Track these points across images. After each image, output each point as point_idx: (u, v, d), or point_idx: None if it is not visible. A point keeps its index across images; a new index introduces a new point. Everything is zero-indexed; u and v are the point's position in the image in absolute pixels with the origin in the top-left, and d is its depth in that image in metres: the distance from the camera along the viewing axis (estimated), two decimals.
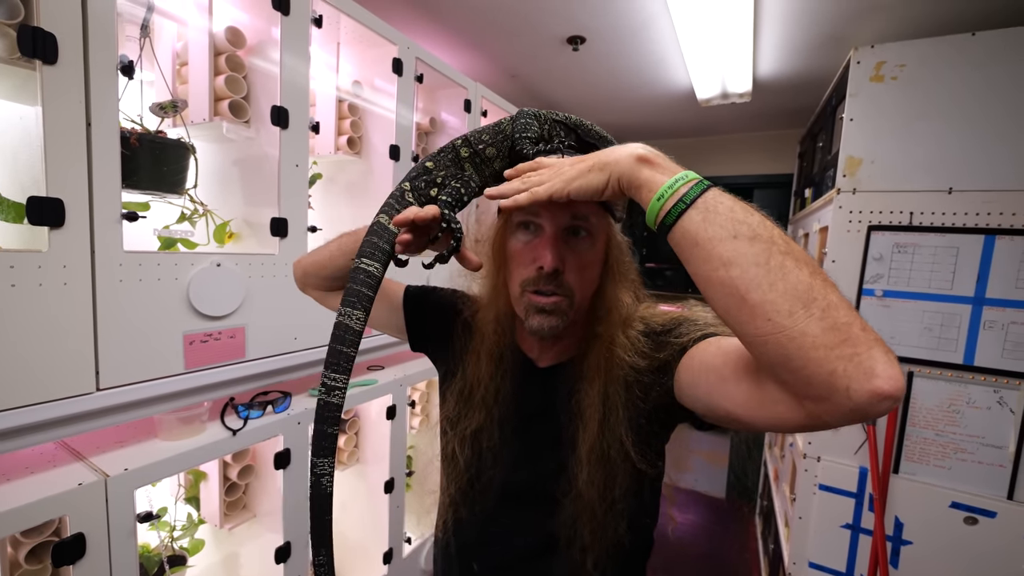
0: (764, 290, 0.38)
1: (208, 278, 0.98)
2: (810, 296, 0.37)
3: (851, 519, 1.44)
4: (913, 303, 1.35)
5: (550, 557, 0.62)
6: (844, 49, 1.64)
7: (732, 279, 0.40)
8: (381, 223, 0.56)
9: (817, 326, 0.37)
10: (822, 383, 0.37)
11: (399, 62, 1.42)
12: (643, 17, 1.52)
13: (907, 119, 1.35)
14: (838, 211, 1.44)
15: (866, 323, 0.37)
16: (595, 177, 0.48)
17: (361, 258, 0.55)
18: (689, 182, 0.44)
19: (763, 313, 0.38)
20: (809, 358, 0.37)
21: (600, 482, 0.58)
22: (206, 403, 1.08)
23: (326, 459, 0.50)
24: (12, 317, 0.73)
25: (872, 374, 0.35)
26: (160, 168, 1.03)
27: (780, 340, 0.38)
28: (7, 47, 0.80)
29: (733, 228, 0.40)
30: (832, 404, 0.37)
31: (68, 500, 0.79)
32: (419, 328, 0.82)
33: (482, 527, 0.68)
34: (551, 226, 0.58)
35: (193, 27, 1.16)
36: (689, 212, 0.42)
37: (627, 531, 0.59)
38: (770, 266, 0.39)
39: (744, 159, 2.89)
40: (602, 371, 0.60)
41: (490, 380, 0.66)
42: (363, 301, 0.53)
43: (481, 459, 0.67)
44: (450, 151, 0.62)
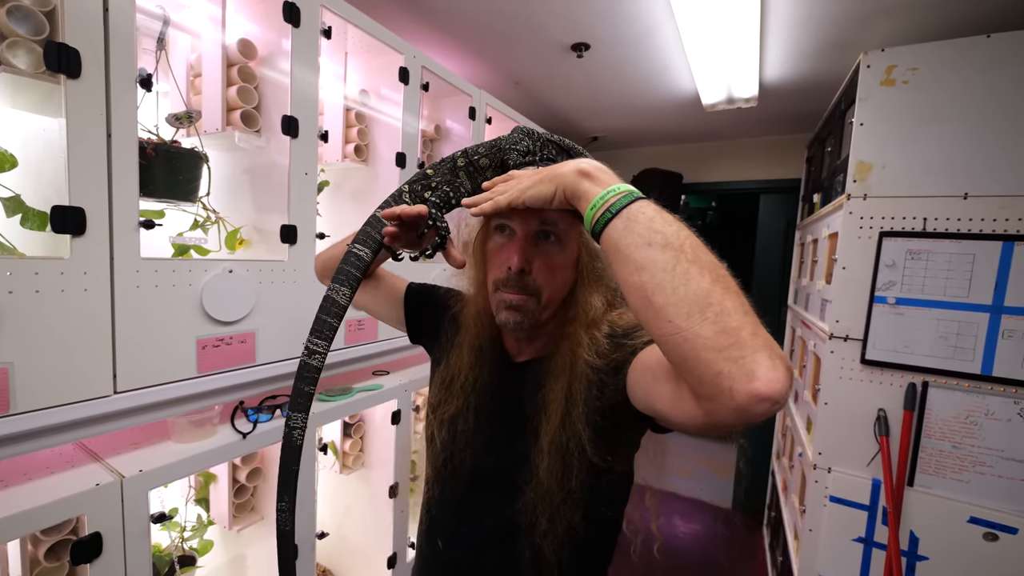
0: (667, 294, 0.42)
1: (220, 284, 1.00)
2: (707, 302, 0.41)
3: (864, 532, 1.42)
4: (927, 311, 1.33)
5: (512, 540, 0.66)
6: (852, 54, 1.63)
7: (643, 283, 0.44)
8: (376, 216, 0.65)
9: (710, 329, 0.40)
10: (710, 383, 0.40)
11: (405, 71, 1.45)
12: (648, 24, 1.53)
13: (919, 123, 1.34)
14: (848, 217, 1.42)
15: (758, 329, 0.40)
16: (545, 187, 0.53)
17: (354, 244, 0.62)
18: (619, 194, 0.48)
19: (665, 315, 0.42)
20: (700, 359, 0.40)
21: (559, 472, 0.62)
22: (217, 407, 1.10)
23: (300, 414, 0.57)
24: (36, 322, 0.75)
25: (753, 377, 0.38)
26: (175, 177, 1.06)
27: (678, 340, 0.41)
28: (33, 62, 0.84)
29: (648, 237, 0.45)
30: (719, 403, 0.40)
31: (86, 500, 0.81)
32: (416, 322, 0.90)
33: (454, 507, 0.73)
34: (521, 230, 0.65)
35: (207, 40, 1.19)
36: (614, 221, 0.47)
37: (582, 520, 0.63)
38: (675, 272, 0.42)
39: (750, 164, 2.87)
40: (567, 369, 0.64)
41: (469, 370, 0.72)
42: (351, 280, 0.60)
43: (455, 442, 0.72)
44: (449, 161, 0.69)
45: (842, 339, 1.44)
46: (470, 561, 0.72)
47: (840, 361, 1.45)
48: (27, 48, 0.83)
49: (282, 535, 0.59)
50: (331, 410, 1.28)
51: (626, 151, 3.22)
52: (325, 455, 1.51)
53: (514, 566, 0.67)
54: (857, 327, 1.42)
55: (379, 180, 1.53)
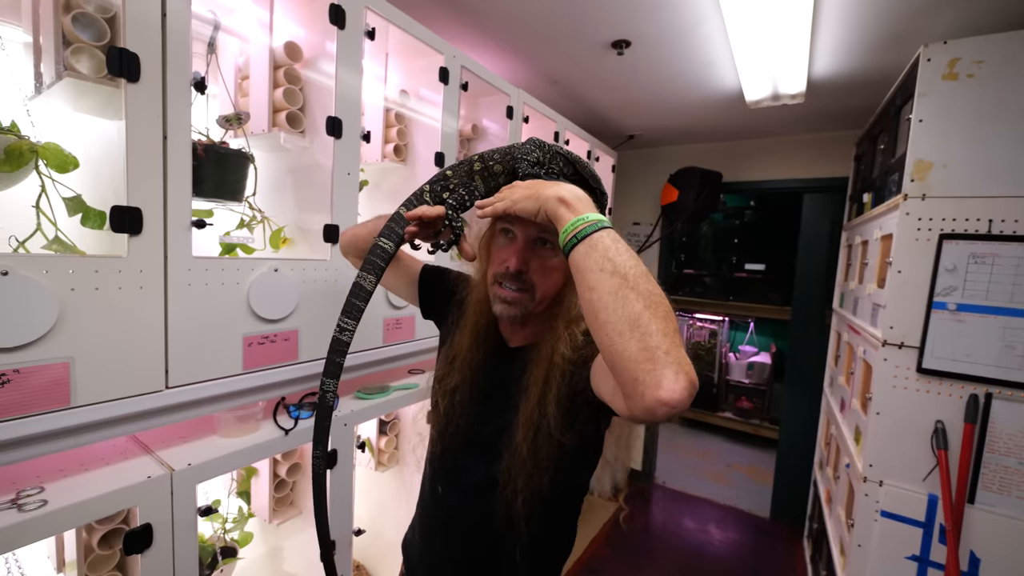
0: (608, 312, 0.52)
1: (266, 283, 1.02)
2: (637, 323, 0.50)
3: (918, 550, 1.34)
4: (992, 318, 1.24)
5: (493, 493, 0.77)
6: (910, 47, 1.54)
7: (591, 300, 0.54)
8: (400, 213, 0.74)
9: (635, 346, 0.49)
10: (630, 386, 0.50)
11: (445, 71, 1.45)
12: (692, 18, 1.49)
13: (985, 119, 1.25)
14: (905, 218, 1.35)
15: (673, 348, 0.49)
16: (531, 204, 0.63)
17: (380, 237, 0.72)
18: (587, 223, 0.57)
19: (604, 329, 0.52)
20: (625, 367, 0.50)
21: (531, 443, 0.73)
22: (260, 403, 1.12)
23: (332, 380, 0.69)
24: (95, 319, 0.78)
25: (659, 386, 0.47)
26: (223, 177, 1.09)
27: (611, 351, 0.51)
28: (95, 67, 0.87)
29: (601, 263, 0.54)
30: (633, 402, 0.50)
31: (138, 492, 0.84)
32: (428, 301, 1.01)
33: (451, 462, 0.86)
34: (521, 235, 0.75)
35: (254, 43, 1.22)
36: (579, 245, 0.57)
37: (549, 483, 0.74)
38: (617, 296, 0.52)
39: (794, 162, 2.76)
40: (547, 358, 0.74)
41: (467, 350, 0.84)
42: (376, 270, 0.70)
43: (454, 409, 0.84)
44: (467, 164, 0.77)
45: (896, 346, 1.37)
46: (461, 506, 0.84)
47: (894, 369, 1.37)
48: (90, 53, 0.87)
49: (316, 478, 0.71)
50: (368, 408, 1.29)
51: (663, 149, 3.15)
52: (363, 453, 1.53)
53: (493, 514, 0.78)
54: (913, 334, 1.35)
55: (417, 179, 1.53)
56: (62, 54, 0.86)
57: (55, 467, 0.87)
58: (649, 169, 3.16)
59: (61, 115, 0.96)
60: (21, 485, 0.80)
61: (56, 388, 0.75)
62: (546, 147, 0.76)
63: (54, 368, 0.74)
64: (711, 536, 2.74)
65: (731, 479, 3.43)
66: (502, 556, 0.80)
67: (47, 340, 0.73)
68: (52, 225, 0.89)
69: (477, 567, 0.84)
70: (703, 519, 2.91)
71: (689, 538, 2.72)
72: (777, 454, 2.93)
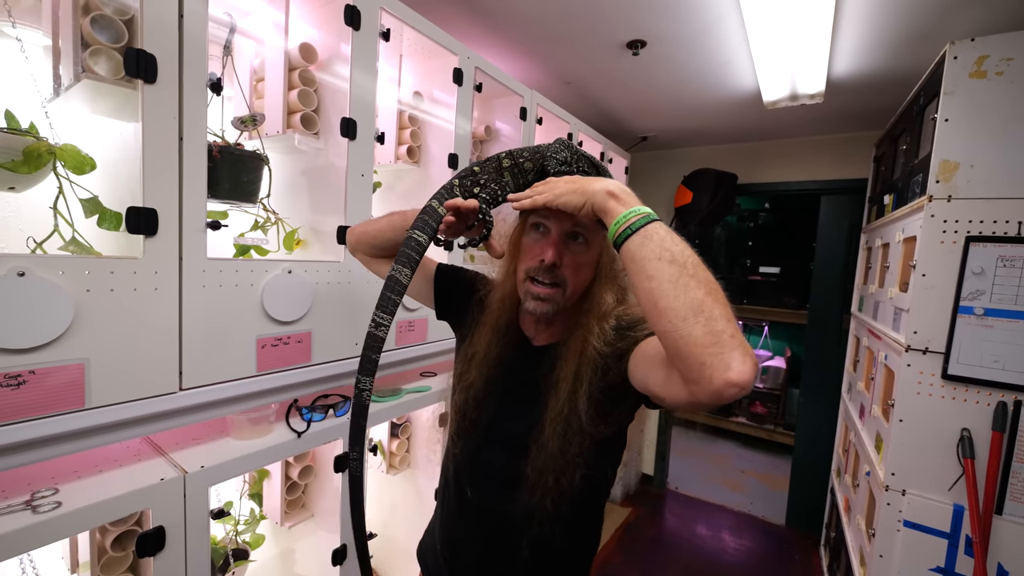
0: (670, 299, 0.53)
1: (280, 284, 1.01)
2: (700, 308, 0.51)
3: (943, 562, 1.30)
4: (1021, 323, 1.20)
5: (521, 491, 0.76)
6: (934, 45, 1.51)
7: (651, 289, 0.55)
8: (432, 206, 0.72)
9: (700, 330, 0.51)
10: (696, 370, 0.51)
11: (460, 72, 1.44)
12: (710, 18, 1.46)
13: (1014, 118, 1.22)
14: (930, 220, 1.31)
15: (736, 332, 0.51)
16: (576, 198, 0.64)
17: (414, 230, 0.70)
18: (639, 215, 0.59)
19: (667, 316, 0.53)
20: (691, 352, 0.51)
21: (561, 438, 0.73)
22: (273, 405, 1.12)
23: (368, 377, 0.67)
24: (110, 320, 0.78)
25: (728, 368, 0.49)
26: (238, 179, 1.08)
27: (675, 337, 0.52)
28: (113, 69, 0.87)
29: (659, 252, 0.55)
30: (701, 387, 0.51)
31: (151, 495, 0.84)
32: (445, 299, 0.98)
33: (473, 460, 0.84)
34: (556, 229, 0.75)
35: (270, 45, 1.22)
36: (633, 236, 0.58)
37: (580, 480, 0.74)
38: (678, 283, 0.53)
39: (811, 164, 2.72)
40: (577, 353, 0.74)
41: (490, 347, 0.83)
42: (411, 262, 0.69)
43: (468, 404, 0.83)
44: (495, 161, 0.77)
45: (920, 352, 1.33)
46: (490, 504, 0.82)
47: (918, 375, 1.34)
48: (107, 55, 0.87)
49: (354, 480, 0.69)
50: (381, 411, 1.28)
51: (677, 151, 3.12)
52: (375, 456, 1.52)
53: (521, 513, 0.77)
54: (938, 339, 1.31)
55: (430, 181, 1.53)
56: (80, 56, 0.86)
57: (69, 468, 0.87)
58: (662, 171, 3.13)
59: (79, 117, 0.97)
60: (36, 486, 0.80)
61: (71, 389, 0.75)
62: (573, 148, 0.78)
63: (69, 369, 0.74)
64: (725, 543, 2.69)
65: (745, 485, 3.37)
66: (534, 552, 0.79)
67: (62, 341, 0.73)
68: (69, 226, 0.89)
69: (509, 566, 0.82)
70: (717, 526, 2.86)
71: (702, 545, 2.67)
72: (793, 460, 2.87)
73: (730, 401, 0.51)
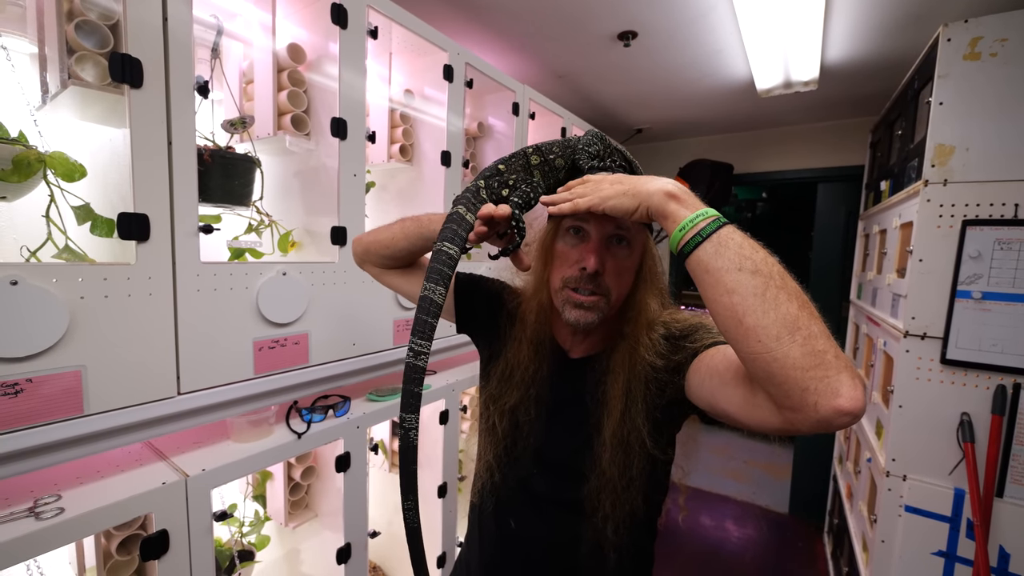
0: (758, 316, 0.46)
1: (275, 286, 1.01)
2: (796, 325, 0.45)
3: (945, 546, 1.30)
4: (1020, 306, 1.20)
5: (576, 520, 0.70)
6: (928, 27, 1.50)
7: (733, 304, 0.48)
8: (460, 213, 0.64)
9: (798, 351, 0.44)
10: (797, 397, 0.45)
11: (450, 68, 1.43)
12: (701, 7, 1.45)
13: (1009, 100, 1.21)
14: (926, 205, 1.31)
15: (840, 351, 0.45)
16: (628, 201, 0.56)
17: (443, 242, 0.62)
18: (708, 219, 0.52)
19: (755, 335, 0.46)
20: (788, 376, 0.44)
21: (620, 462, 0.67)
22: (273, 407, 1.12)
23: (413, 415, 0.58)
24: (105, 326, 0.78)
25: (837, 394, 0.43)
26: (230, 182, 1.08)
27: (767, 359, 0.45)
28: (99, 74, 0.87)
29: (739, 262, 0.48)
30: (803, 415, 0.45)
31: (153, 498, 0.84)
32: (468, 311, 0.90)
33: (517, 490, 0.77)
34: (597, 233, 0.67)
35: (258, 47, 1.21)
36: (704, 244, 0.50)
37: (642, 504, 0.69)
38: (766, 297, 0.46)
39: (807, 152, 2.71)
40: (626, 367, 0.68)
41: (529, 363, 0.75)
42: (444, 279, 0.60)
43: (517, 430, 0.76)
44: (522, 157, 0.69)
45: (919, 337, 1.33)
46: (539, 537, 0.76)
47: (917, 361, 1.33)
48: (94, 61, 0.86)
49: (411, 531, 0.61)
50: (381, 410, 1.29)
51: (672, 142, 3.11)
52: (376, 455, 1.52)
53: (577, 543, 0.71)
54: (937, 324, 1.30)
55: (424, 179, 1.52)
56: (67, 63, 0.86)
57: (71, 474, 0.87)
58: (658, 163, 3.12)
59: (67, 124, 0.97)
60: (38, 493, 0.81)
61: (69, 396, 0.75)
62: (607, 140, 0.72)
63: (66, 377, 0.75)
64: (729, 533, 2.71)
65: (748, 475, 3.38)
66: None
67: (58, 349, 0.73)
68: (62, 234, 0.89)
69: None
70: (721, 515, 2.87)
71: (707, 535, 2.68)
72: (795, 449, 2.88)
73: (839, 430, 0.47)
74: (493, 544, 0.81)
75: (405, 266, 0.89)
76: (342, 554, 1.20)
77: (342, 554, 1.20)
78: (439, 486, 1.52)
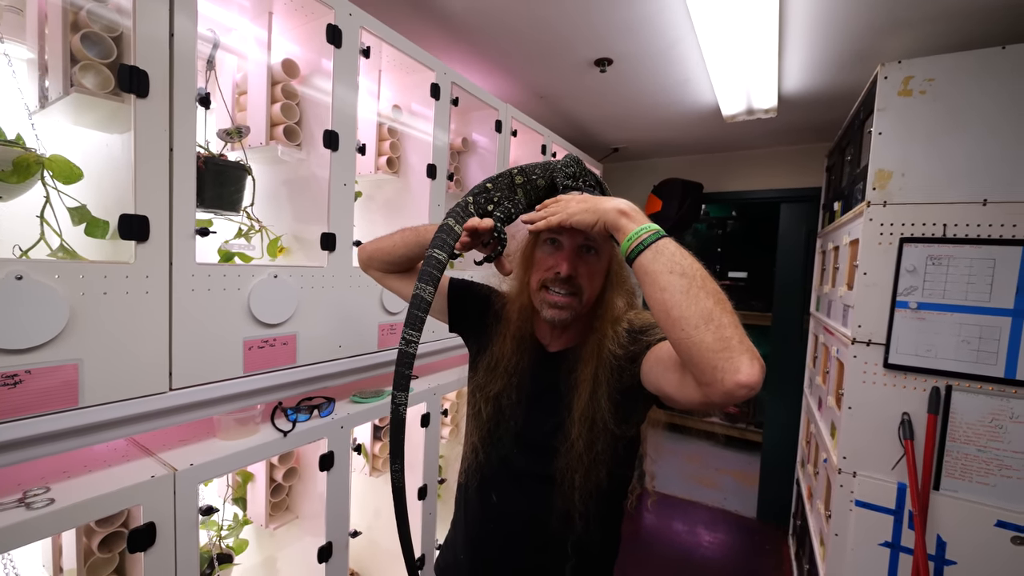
0: (682, 309, 0.57)
1: (266, 288, 1.06)
2: (710, 317, 0.56)
3: (890, 537, 1.41)
4: (949, 315, 1.33)
5: (549, 491, 0.80)
6: (870, 65, 1.66)
7: (664, 299, 0.59)
8: (449, 225, 0.76)
9: (711, 337, 0.55)
10: (709, 374, 0.55)
11: (437, 87, 1.51)
12: (669, 39, 1.58)
13: (937, 132, 1.36)
14: (869, 224, 1.44)
15: (744, 338, 0.56)
16: (589, 216, 0.68)
17: (433, 249, 0.74)
18: (650, 231, 0.64)
19: (680, 325, 0.57)
20: (704, 357, 0.55)
21: (587, 438, 0.77)
22: (259, 406, 1.15)
23: (403, 392, 0.71)
24: (103, 322, 0.81)
25: (738, 371, 0.53)
26: (223, 188, 1.13)
27: (688, 344, 0.57)
28: (101, 83, 0.91)
29: (670, 266, 0.60)
30: (713, 388, 0.55)
31: (142, 491, 0.86)
32: (460, 312, 1.01)
33: (500, 467, 0.87)
34: (569, 243, 0.79)
35: (252, 60, 1.27)
36: (645, 252, 0.62)
37: (606, 477, 0.78)
38: (689, 294, 0.58)
39: (770, 173, 2.89)
40: (594, 356, 0.79)
41: (512, 355, 0.86)
42: (433, 280, 0.73)
43: (500, 414, 0.87)
44: (507, 177, 0.81)
45: (865, 344, 1.45)
46: (517, 508, 0.85)
47: (863, 366, 1.46)
48: (96, 70, 0.91)
49: (397, 490, 0.73)
50: (364, 412, 1.33)
51: (647, 161, 3.26)
52: (359, 455, 1.55)
53: (550, 513, 0.80)
54: (879, 332, 1.43)
55: (410, 191, 1.59)
56: (70, 71, 0.90)
57: (59, 469, 0.89)
58: (633, 181, 3.26)
59: (59, 129, 1.00)
60: (26, 486, 0.82)
61: (65, 389, 0.78)
62: (581, 164, 0.84)
63: (64, 369, 0.78)
64: (700, 537, 2.79)
65: (720, 483, 3.49)
66: (559, 555, 0.82)
67: (58, 342, 0.76)
68: (56, 235, 0.92)
69: (534, 569, 0.85)
70: (693, 521, 2.96)
71: (679, 540, 2.76)
72: (761, 456, 3.00)
73: (741, 401, 0.56)
74: (477, 520, 0.91)
75: (404, 271, 0.99)
76: (323, 552, 1.22)
77: (323, 552, 1.22)
78: (419, 488, 1.56)
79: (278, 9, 1.22)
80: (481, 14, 1.51)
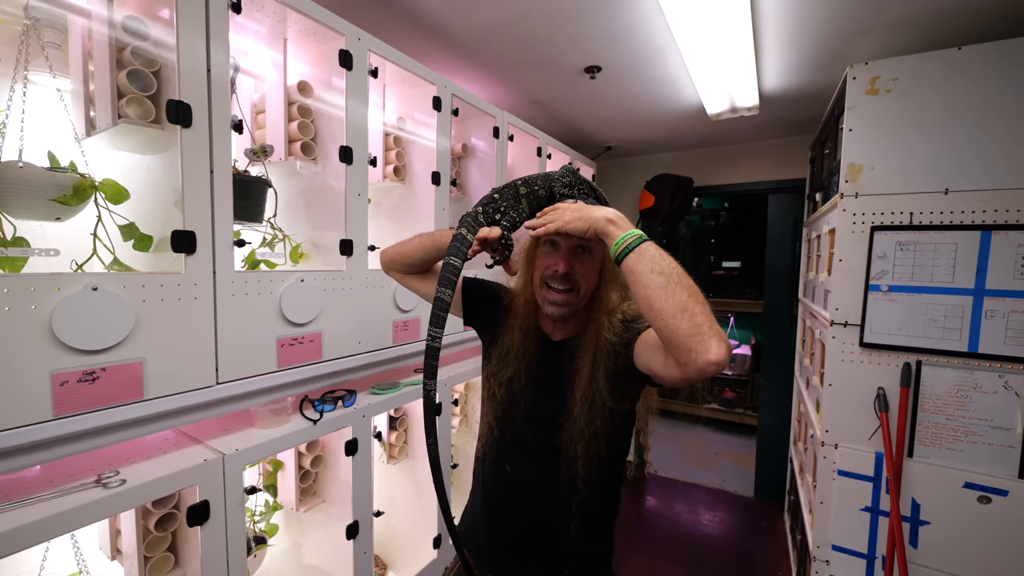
0: (662, 302, 0.68)
1: (295, 291, 1.17)
2: (685, 308, 0.67)
3: (870, 502, 1.54)
4: (917, 296, 1.45)
5: (556, 461, 0.91)
6: (842, 65, 1.77)
7: (647, 294, 0.70)
8: (462, 234, 0.87)
9: (686, 325, 0.66)
10: (685, 355, 0.67)
11: (438, 99, 1.63)
12: (654, 46, 1.69)
13: (902, 128, 1.47)
14: (843, 214, 1.56)
15: (714, 323, 0.67)
16: (581, 224, 0.79)
17: (450, 256, 0.85)
18: (634, 236, 0.74)
19: (660, 316, 0.68)
20: (680, 342, 0.67)
21: (587, 414, 0.88)
22: (289, 398, 1.27)
23: (432, 380, 0.81)
24: (161, 325, 0.93)
25: (708, 351, 0.65)
26: (248, 201, 1.24)
27: (667, 331, 0.68)
28: (143, 113, 1.03)
29: (652, 266, 0.71)
30: (689, 367, 0.67)
31: (197, 472, 0.99)
32: (474, 308, 1.12)
33: (512, 441, 0.99)
34: (566, 244, 0.90)
35: (269, 81, 1.38)
36: (630, 254, 0.73)
37: (605, 447, 0.90)
38: (667, 290, 0.68)
39: (757, 166, 3.00)
40: (592, 344, 0.90)
41: (520, 345, 0.98)
42: (450, 284, 0.84)
43: (512, 396, 0.98)
44: (512, 188, 0.92)
45: (842, 325, 1.57)
46: (528, 474, 0.96)
47: (841, 345, 1.58)
48: (138, 102, 1.03)
49: (433, 459, 0.85)
50: (382, 402, 1.45)
51: (639, 158, 3.37)
52: (380, 441, 1.67)
53: (557, 479, 0.92)
54: (855, 314, 1.55)
55: (416, 196, 1.70)
56: (117, 104, 1.01)
57: (122, 456, 1.01)
58: (627, 177, 3.38)
59: (101, 153, 1.11)
60: (98, 470, 0.95)
61: (133, 383, 0.90)
62: (576, 174, 0.95)
63: (132, 367, 0.90)
64: (701, 517, 2.92)
65: (719, 466, 3.62)
66: (565, 514, 0.93)
67: (126, 343, 0.88)
68: (109, 251, 1.04)
69: (543, 527, 0.96)
70: (693, 502, 3.09)
71: (680, 520, 2.89)
72: (757, 437, 3.13)
73: (711, 375, 0.67)
74: (494, 487, 1.02)
75: (422, 272, 1.10)
76: (351, 530, 1.35)
77: (351, 530, 1.35)
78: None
79: (292, 35, 1.33)
80: (477, 30, 1.62)
